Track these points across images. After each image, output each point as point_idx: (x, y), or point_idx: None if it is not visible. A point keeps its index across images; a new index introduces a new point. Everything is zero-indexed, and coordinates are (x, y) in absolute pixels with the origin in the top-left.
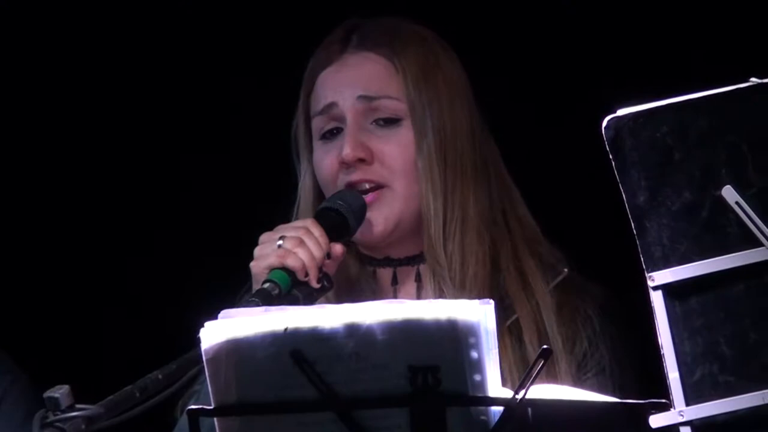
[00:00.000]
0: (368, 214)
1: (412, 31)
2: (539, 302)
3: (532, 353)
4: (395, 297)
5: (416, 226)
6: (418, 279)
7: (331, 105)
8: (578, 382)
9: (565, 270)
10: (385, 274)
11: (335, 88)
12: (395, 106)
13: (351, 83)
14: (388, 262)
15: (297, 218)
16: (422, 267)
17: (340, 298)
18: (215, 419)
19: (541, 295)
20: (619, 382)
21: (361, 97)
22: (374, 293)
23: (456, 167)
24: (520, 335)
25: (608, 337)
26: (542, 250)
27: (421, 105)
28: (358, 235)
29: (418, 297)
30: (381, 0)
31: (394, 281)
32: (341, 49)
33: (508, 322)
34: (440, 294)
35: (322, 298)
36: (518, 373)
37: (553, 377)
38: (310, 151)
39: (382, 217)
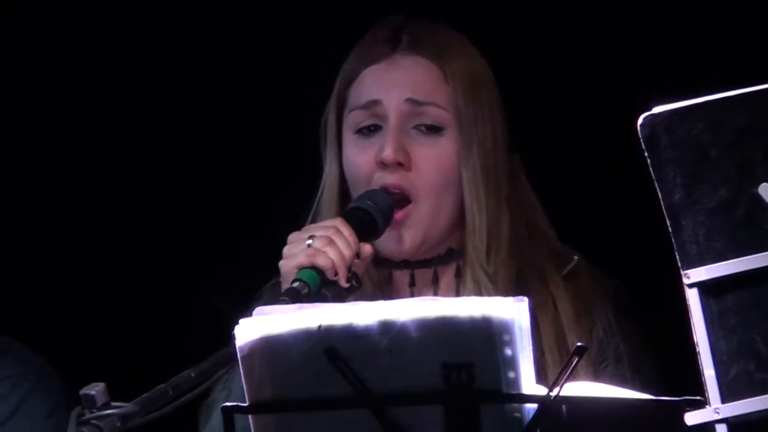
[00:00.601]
0: (399, 232)
1: (459, 41)
2: (551, 290)
3: (552, 355)
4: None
5: (441, 236)
6: (436, 281)
7: (376, 102)
8: (596, 371)
9: (575, 257)
10: (402, 276)
11: (383, 86)
12: (441, 114)
13: (400, 84)
14: (405, 264)
15: (320, 208)
16: (440, 269)
17: (360, 299)
18: (250, 417)
19: (554, 283)
20: (637, 369)
21: (408, 100)
22: (390, 295)
23: (496, 184)
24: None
25: (622, 326)
26: (555, 245)
27: (467, 117)
28: (387, 248)
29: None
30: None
31: (412, 283)
32: (391, 48)
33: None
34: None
35: (350, 298)
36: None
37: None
38: (340, 142)
39: (410, 236)
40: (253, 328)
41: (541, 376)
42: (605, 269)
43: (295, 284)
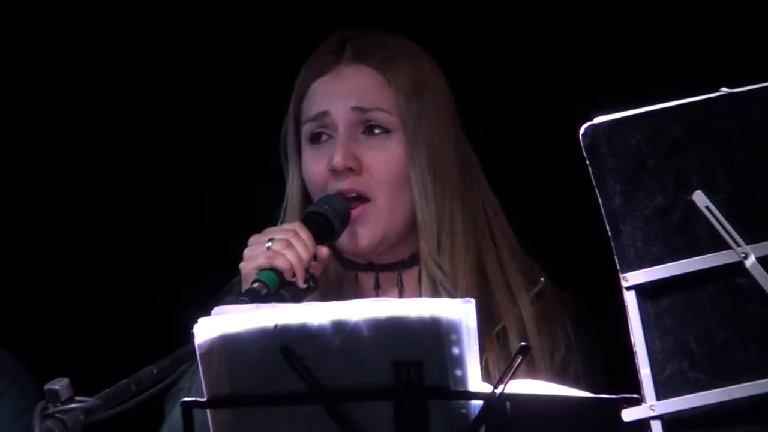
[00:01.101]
0: (355, 228)
1: (403, 46)
2: (522, 311)
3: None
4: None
5: (402, 236)
6: (400, 285)
7: (324, 113)
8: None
9: (542, 279)
10: (367, 278)
11: (329, 97)
12: (386, 118)
13: (345, 94)
14: (370, 267)
15: (285, 217)
16: (404, 273)
17: (323, 300)
18: (208, 412)
19: (524, 305)
20: (593, 388)
21: (354, 108)
22: (356, 297)
23: (445, 180)
24: (507, 343)
25: (582, 345)
26: (523, 260)
27: (411, 118)
28: (346, 246)
29: None
30: (366, 11)
31: (377, 286)
32: (336, 60)
33: (496, 330)
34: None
35: (308, 298)
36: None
37: (535, 374)
38: (299, 154)
39: (367, 232)
40: (212, 326)
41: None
42: (561, 283)
43: (255, 285)
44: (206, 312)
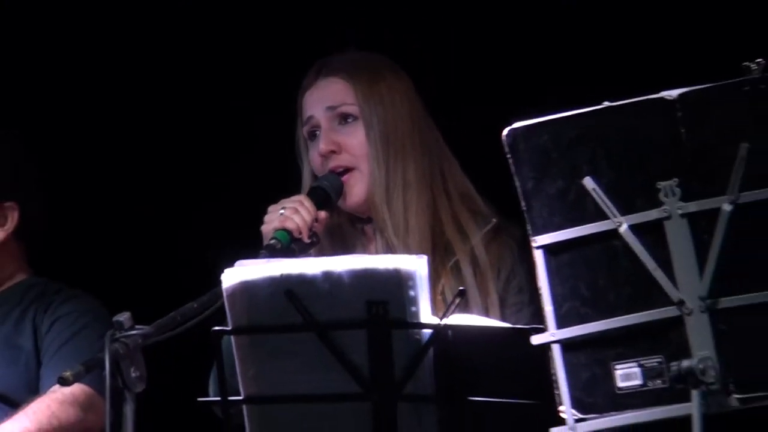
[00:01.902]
0: (347, 191)
1: (363, 56)
2: (473, 244)
3: (470, 285)
4: (378, 246)
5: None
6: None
7: (311, 117)
8: (505, 298)
9: (494, 220)
10: (368, 229)
11: (312, 104)
12: (351, 108)
13: (321, 99)
14: (369, 220)
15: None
16: None
17: (336, 249)
18: (233, 338)
19: (476, 242)
20: (532, 298)
21: (328, 108)
22: (363, 244)
23: (397, 146)
24: (459, 274)
25: (524, 263)
26: (476, 204)
27: (367, 106)
28: (344, 203)
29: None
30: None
31: (375, 234)
32: (315, 77)
33: (450, 263)
34: (388, 244)
35: (312, 250)
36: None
37: (486, 295)
38: (307, 149)
39: (355, 191)
40: (235, 275)
41: (465, 310)
42: (513, 219)
43: (272, 241)
44: (232, 263)
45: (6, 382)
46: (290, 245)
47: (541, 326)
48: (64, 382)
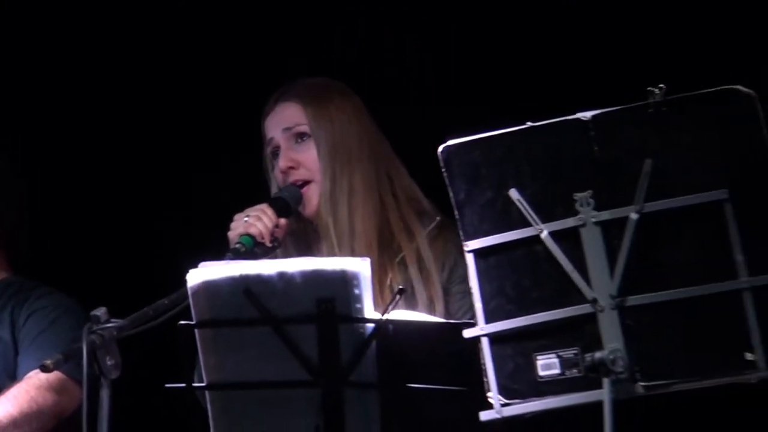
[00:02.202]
0: (305, 200)
1: (314, 82)
2: (418, 241)
3: (416, 279)
4: (323, 249)
5: None
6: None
7: (271, 138)
8: (449, 288)
9: (438, 218)
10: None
11: (271, 127)
12: (303, 128)
13: (279, 123)
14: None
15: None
16: None
17: (301, 252)
18: (197, 331)
19: (421, 239)
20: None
21: (284, 129)
22: (317, 245)
23: (343, 159)
24: (406, 269)
25: (465, 259)
26: (421, 205)
27: (316, 124)
28: (305, 212)
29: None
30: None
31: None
32: (274, 104)
33: (397, 259)
34: (334, 246)
35: (278, 252)
36: (404, 295)
37: (431, 286)
38: (273, 167)
39: (312, 201)
40: (199, 275)
41: (412, 305)
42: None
43: (237, 245)
44: (196, 265)
45: None
46: (254, 249)
47: (471, 321)
48: (45, 369)
